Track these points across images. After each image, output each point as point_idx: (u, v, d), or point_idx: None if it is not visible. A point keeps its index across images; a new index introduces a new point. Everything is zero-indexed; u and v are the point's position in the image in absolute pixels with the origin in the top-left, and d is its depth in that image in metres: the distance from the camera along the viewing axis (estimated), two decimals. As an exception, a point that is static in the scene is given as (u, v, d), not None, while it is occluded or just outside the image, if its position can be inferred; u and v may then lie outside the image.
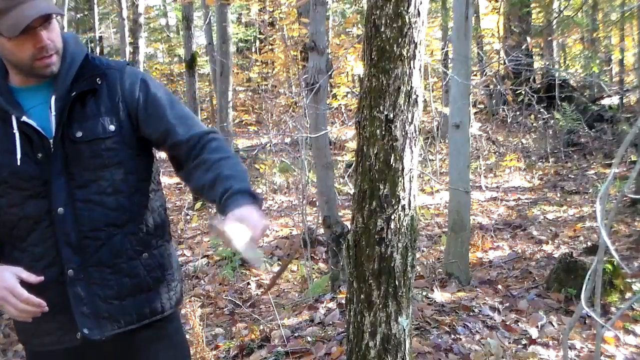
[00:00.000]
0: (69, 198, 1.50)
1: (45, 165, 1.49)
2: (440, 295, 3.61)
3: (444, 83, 10.04)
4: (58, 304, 1.52)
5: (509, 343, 3.08)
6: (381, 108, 1.75)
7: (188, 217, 7.29)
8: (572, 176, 8.29)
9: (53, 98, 1.51)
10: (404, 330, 1.85)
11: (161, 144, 1.61)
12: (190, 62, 9.57)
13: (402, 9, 1.70)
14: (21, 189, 1.49)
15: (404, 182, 1.79)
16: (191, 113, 1.68)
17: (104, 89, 1.55)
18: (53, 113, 1.50)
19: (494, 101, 11.61)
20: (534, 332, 3.19)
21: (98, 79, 1.55)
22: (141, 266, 1.59)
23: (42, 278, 1.47)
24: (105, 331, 1.56)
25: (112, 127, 1.54)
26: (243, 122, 12.83)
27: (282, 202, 7.78)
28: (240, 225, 1.37)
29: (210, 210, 7.22)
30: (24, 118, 1.48)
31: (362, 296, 1.84)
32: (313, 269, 4.89)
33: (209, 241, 6.15)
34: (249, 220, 1.39)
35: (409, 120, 1.78)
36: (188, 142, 1.57)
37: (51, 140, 1.49)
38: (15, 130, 1.48)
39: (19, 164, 1.47)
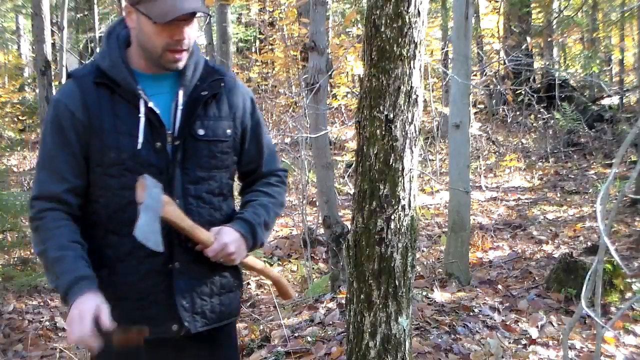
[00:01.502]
0: (182, 192, 1.54)
1: (162, 155, 1.52)
2: (440, 295, 3.61)
3: (444, 83, 10.04)
4: (156, 294, 1.54)
5: (509, 343, 3.08)
6: (381, 108, 1.75)
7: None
8: (572, 176, 8.29)
9: (181, 92, 1.55)
10: (404, 330, 1.85)
11: (245, 163, 1.70)
12: (191, 62, 9.55)
13: (402, 8, 1.70)
14: (137, 173, 1.49)
15: (404, 182, 1.79)
16: (274, 144, 1.81)
17: (224, 95, 1.62)
18: (180, 107, 1.54)
19: (494, 101, 11.60)
20: (534, 332, 3.19)
21: (222, 83, 1.62)
22: (229, 267, 1.64)
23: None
24: (198, 326, 1.59)
25: (228, 132, 1.61)
26: (243, 122, 12.78)
27: (282, 202, 7.76)
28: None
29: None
30: (151, 104, 1.51)
31: (362, 296, 1.84)
32: (313, 269, 4.89)
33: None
34: (220, 237, 1.53)
35: (409, 120, 1.78)
36: (264, 174, 1.72)
37: (169, 132, 1.53)
38: (142, 115, 1.50)
39: (139, 147, 1.49)
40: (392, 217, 1.78)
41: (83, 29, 16.95)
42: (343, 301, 3.42)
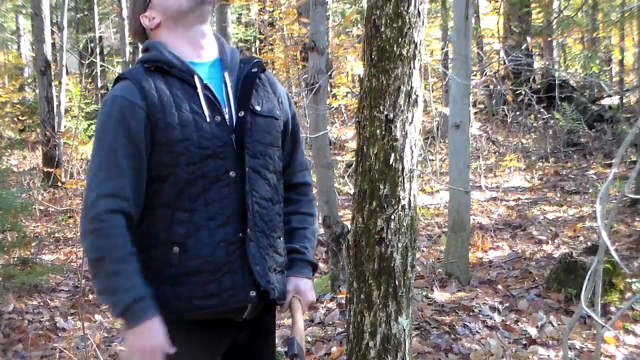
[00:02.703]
0: (244, 164, 1.57)
1: (223, 128, 1.56)
2: (440, 295, 3.61)
3: (444, 83, 10.04)
4: (230, 263, 1.55)
5: (509, 343, 3.08)
6: (381, 108, 1.75)
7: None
8: (572, 176, 8.28)
9: (226, 74, 1.62)
10: (404, 330, 1.85)
11: (284, 154, 1.75)
12: (191, 62, 9.55)
13: (402, 9, 1.70)
14: (202, 148, 1.52)
15: (404, 182, 1.79)
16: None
17: (266, 81, 1.69)
18: (229, 85, 1.60)
19: (494, 101, 11.60)
20: (534, 332, 3.19)
21: (263, 67, 1.69)
22: (283, 247, 1.69)
23: None
24: (272, 294, 1.62)
25: (278, 112, 1.68)
26: (243, 122, 12.77)
27: (282, 202, 7.76)
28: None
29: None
30: (206, 81, 1.57)
31: (362, 296, 1.84)
32: (313, 269, 4.88)
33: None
34: (305, 296, 1.73)
35: (409, 120, 1.78)
36: (297, 167, 1.78)
37: (225, 110, 1.58)
38: (200, 90, 1.55)
39: (208, 120, 1.53)
40: (392, 217, 1.78)
41: (83, 29, 16.95)
42: (343, 301, 3.42)
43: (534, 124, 10.60)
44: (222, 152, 1.54)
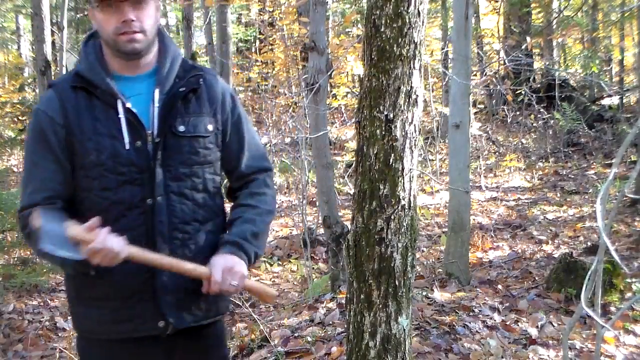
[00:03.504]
0: (164, 189, 1.55)
1: (142, 154, 1.53)
2: (440, 295, 3.61)
3: (444, 83, 10.04)
4: (142, 292, 1.56)
5: (509, 343, 3.08)
6: (381, 108, 1.75)
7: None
8: (572, 176, 8.28)
9: (157, 92, 1.56)
10: (404, 330, 1.85)
11: (227, 160, 1.70)
12: (190, 62, 9.54)
13: (402, 9, 1.70)
14: (118, 174, 1.52)
15: (404, 182, 1.78)
16: (259, 140, 1.80)
17: (204, 90, 1.63)
18: (156, 105, 1.55)
19: (494, 101, 11.59)
20: (534, 332, 3.19)
21: (201, 79, 1.62)
22: None
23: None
24: (185, 322, 1.60)
25: (210, 127, 1.62)
26: (243, 122, 12.77)
27: (282, 202, 7.77)
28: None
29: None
30: (129, 105, 1.53)
31: (362, 296, 1.84)
32: (313, 269, 4.89)
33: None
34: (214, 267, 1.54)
35: (409, 120, 1.77)
36: (244, 172, 1.71)
37: (150, 132, 1.54)
38: (122, 115, 1.52)
39: (127, 147, 1.51)
40: (392, 217, 1.78)
41: (83, 29, 16.94)
42: (343, 301, 3.42)
43: (534, 124, 10.60)
44: (140, 178, 1.53)
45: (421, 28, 1.75)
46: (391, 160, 1.76)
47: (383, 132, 1.76)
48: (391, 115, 1.75)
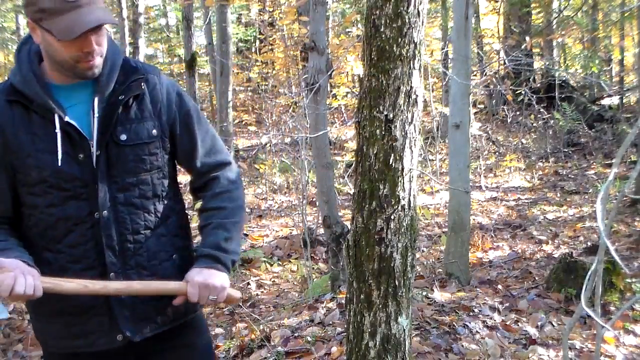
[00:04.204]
0: (111, 201, 1.50)
1: (86, 167, 1.48)
2: (440, 295, 3.61)
3: (444, 83, 10.04)
4: (97, 307, 1.52)
5: (509, 343, 3.08)
6: (381, 108, 1.75)
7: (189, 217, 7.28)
8: (572, 176, 8.28)
9: (96, 100, 1.49)
10: (404, 330, 1.85)
11: (181, 159, 1.66)
12: (190, 62, 9.57)
13: (402, 9, 1.70)
14: (62, 190, 1.47)
15: (404, 182, 1.78)
16: (214, 133, 1.72)
17: (146, 94, 1.56)
18: (96, 115, 1.48)
19: (494, 101, 11.60)
20: (534, 332, 3.19)
21: (142, 83, 1.55)
22: (173, 267, 1.61)
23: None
24: (145, 332, 1.57)
25: (154, 132, 1.55)
26: (243, 122, 12.82)
27: (282, 202, 7.78)
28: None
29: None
30: (67, 118, 1.46)
31: (362, 296, 1.84)
32: (313, 269, 4.89)
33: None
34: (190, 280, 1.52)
35: (409, 120, 1.77)
36: (200, 169, 1.65)
37: (92, 142, 1.48)
38: (58, 130, 1.45)
39: (60, 164, 1.44)
40: (392, 217, 1.78)
41: (83, 29, 16.91)
42: (343, 301, 3.42)
43: (534, 124, 10.60)
44: (85, 192, 1.48)
45: (421, 28, 1.75)
46: (391, 160, 1.76)
47: (383, 132, 1.76)
48: (391, 115, 1.75)
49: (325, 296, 3.79)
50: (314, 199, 6.17)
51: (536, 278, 4.17)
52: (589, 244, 4.95)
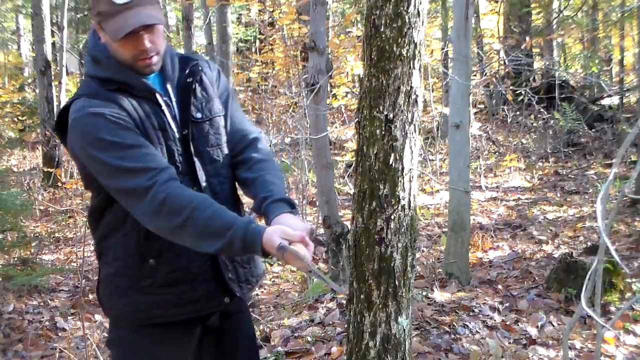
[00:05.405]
0: (206, 174, 1.64)
1: (181, 143, 1.61)
2: (440, 295, 3.61)
3: (444, 83, 10.04)
4: (205, 273, 1.64)
5: (509, 343, 3.08)
6: (381, 108, 1.75)
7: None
8: (572, 176, 8.28)
9: (169, 85, 1.63)
10: (404, 330, 1.84)
11: (234, 130, 1.78)
12: (191, 62, 9.54)
13: (402, 9, 1.70)
14: (173, 164, 1.57)
15: (404, 182, 1.78)
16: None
17: (204, 77, 1.72)
18: (174, 99, 1.64)
19: (494, 101, 11.60)
20: (534, 332, 3.19)
21: (200, 67, 1.71)
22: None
23: None
24: (245, 292, 1.73)
25: (220, 107, 1.73)
26: (243, 122, 12.77)
27: (282, 202, 7.75)
28: (300, 245, 1.53)
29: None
30: (166, 99, 1.61)
31: (362, 296, 1.83)
32: (313, 269, 4.87)
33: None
34: (297, 227, 1.56)
35: (409, 120, 1.77)
36: (241, 132, 1.78)
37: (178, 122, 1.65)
38: (165, 107, 1.60)
39: (177, 135, 1.60)
40: (392, 217, 1.78)
41: (83, 29, 16.94)
42: (343, 301, 3.42)
43: (534, 124, 10.60)
44: (187, 167, 1.61)
45: (421, 28, 1.75)
46: (391, 160, 1.76)
47: (383, 132, 1.76)
48: (391, 115, 1.75)
49: (325, 296, 3.80)
50: (314, 199, 6.17)
51: (536, 278, 4.17)
52: (589, 244, 4.95)
